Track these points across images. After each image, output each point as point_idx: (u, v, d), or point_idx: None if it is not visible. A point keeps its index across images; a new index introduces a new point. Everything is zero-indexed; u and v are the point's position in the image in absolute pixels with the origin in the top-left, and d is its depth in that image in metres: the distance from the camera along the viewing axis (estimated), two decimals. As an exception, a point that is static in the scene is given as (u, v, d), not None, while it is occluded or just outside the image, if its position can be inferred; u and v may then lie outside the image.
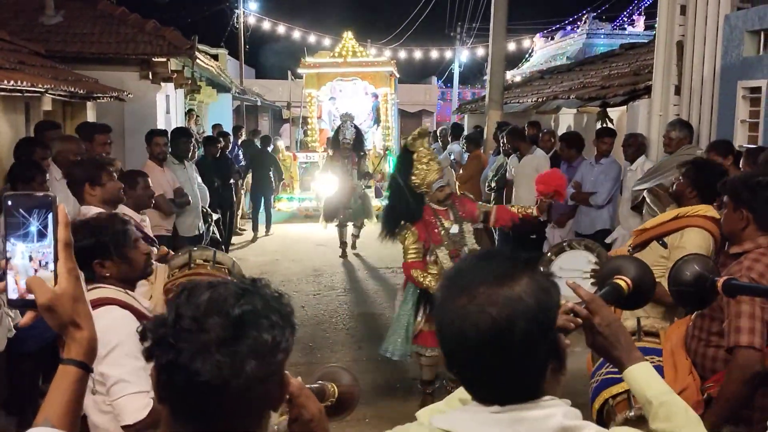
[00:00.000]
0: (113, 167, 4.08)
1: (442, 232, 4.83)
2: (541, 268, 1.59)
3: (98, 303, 2.37)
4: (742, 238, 2.82)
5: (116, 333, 2.31)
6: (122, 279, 2.58)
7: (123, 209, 3.82)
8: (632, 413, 2.66)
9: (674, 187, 3.82)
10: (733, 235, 2.87)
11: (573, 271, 3.60)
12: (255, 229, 11.74)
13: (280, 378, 1.21)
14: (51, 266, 1.25)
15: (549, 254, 3.83)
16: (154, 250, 5.06)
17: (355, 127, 10.18)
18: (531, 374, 1.20)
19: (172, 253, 5.15)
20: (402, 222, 4.83)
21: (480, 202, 5.41)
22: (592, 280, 3.47)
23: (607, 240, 6.33)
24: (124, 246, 2.57)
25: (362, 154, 10.21)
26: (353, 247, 10.18)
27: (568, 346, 1.30)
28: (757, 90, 5.63)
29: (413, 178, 4.77)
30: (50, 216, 1.25)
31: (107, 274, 2.53)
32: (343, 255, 10.05)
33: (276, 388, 1.21)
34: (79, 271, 1.28)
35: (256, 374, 1.12)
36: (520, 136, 7.79)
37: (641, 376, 1.49)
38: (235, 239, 10.81)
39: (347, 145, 9.74)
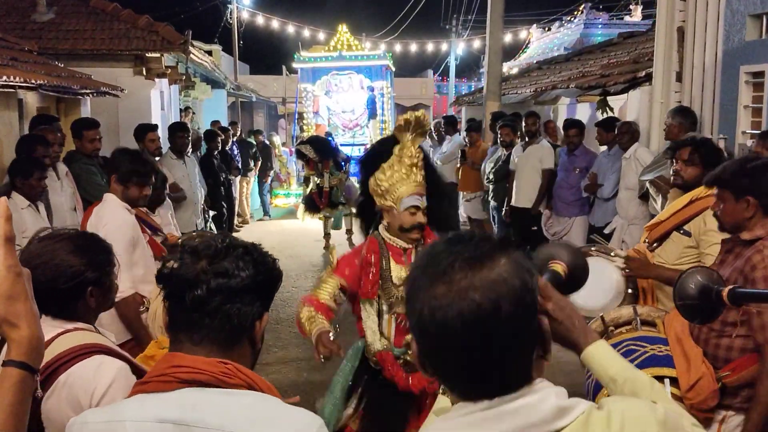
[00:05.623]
0: (151, 172, 3.84)
1: (385, 285, 3.04)
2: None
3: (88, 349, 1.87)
4: (749, 227, 2.72)
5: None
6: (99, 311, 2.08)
7: (119, 203, 3.69)
8: None
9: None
10: (739, 226, 2.75)
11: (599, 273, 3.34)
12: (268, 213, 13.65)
13: (247, 313, 1.45)
14: None
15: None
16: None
17: (317, 144, 10.16)
18: (520, 360, 1.12)
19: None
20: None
21: None
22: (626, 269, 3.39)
23: (606, 230, 6.27)
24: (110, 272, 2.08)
25: (335, 157, 10.23)
26: (349, 241, 10.13)
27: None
28: (760, 74, 5.54)
29: (377, 179, 3.06)
30: None
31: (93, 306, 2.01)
32: (327, 246, 10.23)
33: (243, 319, 1.45)
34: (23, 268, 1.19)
35: (218, 289, 1.40)
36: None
37: (601, 355, 1.38)
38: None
39: (315, 160, 9.85)
